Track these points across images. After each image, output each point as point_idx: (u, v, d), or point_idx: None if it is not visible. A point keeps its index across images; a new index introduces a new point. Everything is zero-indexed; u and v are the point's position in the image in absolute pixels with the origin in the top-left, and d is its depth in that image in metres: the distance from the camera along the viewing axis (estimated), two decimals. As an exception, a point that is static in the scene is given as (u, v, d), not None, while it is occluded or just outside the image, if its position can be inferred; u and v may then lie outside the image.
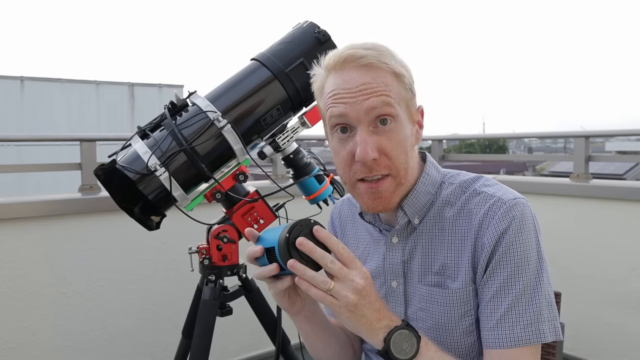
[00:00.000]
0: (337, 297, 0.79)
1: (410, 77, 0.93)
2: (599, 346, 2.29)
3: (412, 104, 0.93)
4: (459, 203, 0.94)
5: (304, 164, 1.42)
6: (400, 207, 0.96)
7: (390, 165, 0.89)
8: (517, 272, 0.86)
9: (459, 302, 0.91)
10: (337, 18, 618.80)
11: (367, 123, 0.88)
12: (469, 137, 9.49)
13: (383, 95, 0.87)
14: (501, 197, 0.90)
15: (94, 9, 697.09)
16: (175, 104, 1.29)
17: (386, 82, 0.89)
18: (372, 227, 1.04)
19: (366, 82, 0.88)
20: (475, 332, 0.92)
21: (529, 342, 0.84)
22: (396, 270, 0.99)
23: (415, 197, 0.96)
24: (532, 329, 0.85)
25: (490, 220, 0.89)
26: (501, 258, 0.87)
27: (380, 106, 0.87)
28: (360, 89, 0.87)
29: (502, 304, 0.86)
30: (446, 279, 0.93)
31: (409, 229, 0.98)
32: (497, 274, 0.87)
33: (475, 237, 0.90)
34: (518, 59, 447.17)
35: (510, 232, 0.87)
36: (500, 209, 0.88)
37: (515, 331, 0.85)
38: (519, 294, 0.86)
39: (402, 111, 0.90)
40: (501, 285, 0.86)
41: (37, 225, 1.93)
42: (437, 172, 1.00)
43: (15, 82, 12.29)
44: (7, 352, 1.86)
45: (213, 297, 1.36)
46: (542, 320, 0.85)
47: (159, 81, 28.63)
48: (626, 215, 2.26)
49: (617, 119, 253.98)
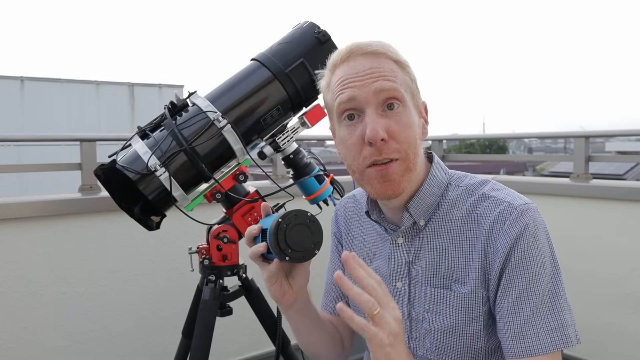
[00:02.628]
0: (381, 324, 0.73)
1: (411, 72, 0.95)
2: (599, 346, 2.29)
3: (417, 95, 0.95)
4: (466, 206, 0.94)
5: (304, 164, 1.42)
6: (405, 208, 0.95)
7: (399, 149, 0.89)
8: (534, 279, 0.85)
9: (468, 306, 0.91)
10: (337, 18, 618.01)
11: (375, 105, 0.89)
12: (469, 137, 9.49)
13: (390, 79, 0.89)
14: (511, 202, 0.90)
15: (94, 9, 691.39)
16: (175, 104, 1.29)
17: (392, 68, 0.91)
18: (378, 225, 1.04)
19: (373, 67, 0.90)
20: (483, 338, 0.91)
21: (555, 348, 0.84)
22: (401, 271, 0.99)
23: (421, 199, 0.95)
24: (558, 334, 0.84)
25: (501, 226, 0.88)
26: (516, 266, 0.86)
27: (388, 89, 0.88)
28: (367, 73, 0.89)
29: (522, 312, 0.85)
30: (454, 282, 0.92)
31: (414, 230, 0.97)
32: (515, 282, 0.86)
33: (486, 242, 0.89)
34: (518, 59, 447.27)
35: (523, 239, 0.86)
36: (511, 214, 0.88)
37: (541, 338, 0.84)
38: (539, 301, 0.85)
39: (409, 98, 0.92)
40: (520, 294, 0.85)
41: (37, 225, 1.92)
42: (444, 173, 0.99)
43: (15, 82, 12.29)
44: (7, 352, 1.86)
45: (213, 297, 1.36)
46: (566, 325, 0.85)
47: (159, 81, 28.65)
48: (626, 215, 2.26)
49: (617, 119, 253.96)
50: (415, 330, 0.97)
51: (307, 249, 0.91)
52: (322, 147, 12.27)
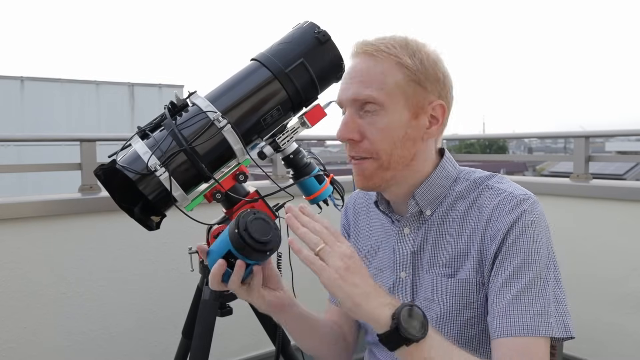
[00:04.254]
0: (326, 259, 0.78)
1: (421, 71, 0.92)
2: (599, 346, 2.29)
3: (417, 96, 0.93)
4: (470, 197, 0.96)
5: (304, 164, 1.42)
6: (412, 195, 0.97)
7: (370, 150, 0.94)
8: (527, 262, 0.86)
9: (463, 292, 0.92)
10: (337, 18, 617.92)
11: (354, 108, 0.95)
12: (469, 137, 9.47)
13: (368, 85, 0.91)
14: (512, 192, 0.91)
15: (94, 9, 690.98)
16: (175, 104, 1.29)
17: (382, 70, 0.91)
18: (385, 217, 1.06)
19: (360, 70, 0.93)
20: (476, 325, 0.92)
21: (537, 333, 0.83)
22: (405, 261, 1.00)
23: (429, 187, 0.97)
24: (541, 320, 0.83)
25: (500, 212, 0.89)
26: (511, 247, 0.86)
27: (359, 98, 0.92)
28: (352, 76, 0.95)
29: (510, 292, 0.85)
30: (451, 269, 0.94)
31: (420, 220, 0.99)
32: (507, 263, 0.87)
33: (485, 228, 0.91)
34: (518, 59, 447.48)
35: (520, 223, 0.87)
36: (511, 202, 0.89)
37: (525, 319, 0.83)
38: (528, 284, 0.85)
39: (395, 102, 0.91)
40: (510, 275, 0.86)
41: (37, 225, 1.92)
42: (454, 167, 1.01)
43: (15, 82, 12.29)
44: (7, 352, 1.86)
45: (213, 297, 1.36)
46: (550, 314, 0.84)
47: (159, 81, 28.65)
48: (626, 215, 2.26)
49: (617, 119, 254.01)
50: None
51: (274, 234, 0.89)
52: (322, 147, 12.28)
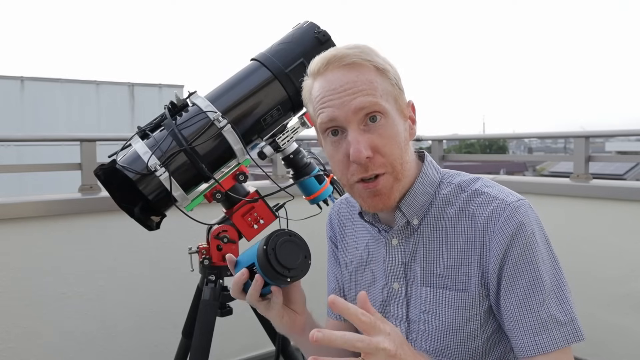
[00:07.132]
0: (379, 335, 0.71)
1: (395, 73, 0.92)
2: (599, 346, 2.29)
3: (400, 99, 0.92)
4: (459, 202, 0.93)
5: (304, 164, 1.42)
6: (398, 207, 0.95)
7: (385, 163, 0.88)
8: (538, 275, 0.85)
9: (466, 305, 0.90)
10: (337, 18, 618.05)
11: (356, 122, 0.87)
12: (469, 137, 9.49)
13: (369, 93, 0.87)
14: (504, 199, 0.90)
15: (94, 9, 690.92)
16: (175, 104, 1.30)
17: (370, 78, 0.88)
18: (372, 227, 1.03)
19: (350, 81, 0.87)
20: (480, 337, 0.91)
21: (566, 343, 0.83)
22: (397, 272, 0.98)
23: (413, 197, 0.95)
24: (568, 328, 0.84)
25: (495, 223, 0.88)
26: (517, 265, 0.86)
27: (367, 105, 0.86)
28: (345, 89, 0.87)
29: (531, 309, 0.84)
30: (451, 281, 0.92)
31: (408, 230, 0.97)
32: (518, 281, 0.86)
33: (482, 240, 0.89)
34: (518, 59, 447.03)
35: (520, 238, 0.86)
36: (505, 211, 0.88)
37: (552, 334, 0.83)
38: (546, 296, 0.84)
39: (391, 107, 0.90)
40: (525, 292, 0.85)
41: (37, 225, 1.93)
42: (436, 171, 0.99)
43: (15, 82, 12.29)
44: (7, 352, 1.86)
45: (213, 297, 1.36)
46: (576, 318, 0.85)
47: (159, 81, 28.65)
48: (626, 215, 2.26)
49: (617, 119, 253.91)
50: (412, 332, 0.97)
51: (302, 263, 0.89)
52: (322, 147, 12.24)
